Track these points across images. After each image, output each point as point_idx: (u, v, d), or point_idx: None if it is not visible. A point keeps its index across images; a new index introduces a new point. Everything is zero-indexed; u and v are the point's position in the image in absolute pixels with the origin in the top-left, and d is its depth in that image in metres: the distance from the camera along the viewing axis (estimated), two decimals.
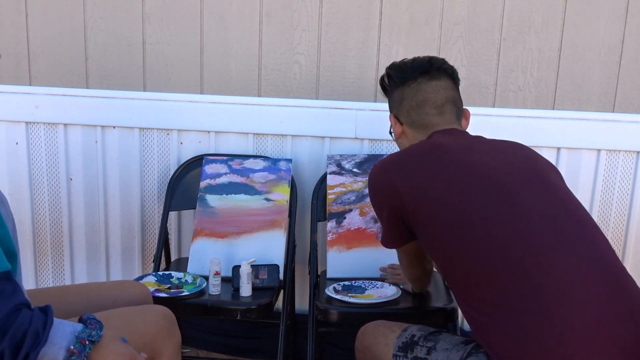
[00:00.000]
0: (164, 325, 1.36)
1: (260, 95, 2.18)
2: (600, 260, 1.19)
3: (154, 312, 1.38)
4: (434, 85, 1.49)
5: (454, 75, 1.54)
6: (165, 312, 1.39)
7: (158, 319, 1.36)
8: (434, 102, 1.48)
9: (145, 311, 1.38)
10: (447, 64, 1.54)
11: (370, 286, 1.82)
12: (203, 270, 1.89)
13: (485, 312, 1.19)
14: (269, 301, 1.74)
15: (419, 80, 1.49)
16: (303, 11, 2.12)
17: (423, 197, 1.30)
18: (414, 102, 1.49)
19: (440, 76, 1.50)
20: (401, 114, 1.52)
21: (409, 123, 1.51)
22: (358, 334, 1.48)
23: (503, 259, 1.19)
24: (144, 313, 1.37)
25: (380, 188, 1.40)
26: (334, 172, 2.09)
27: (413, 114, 1.49)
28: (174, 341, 1.38)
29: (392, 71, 1.56)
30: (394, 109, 1.56)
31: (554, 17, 2.08)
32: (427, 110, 1.48)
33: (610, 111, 2.12)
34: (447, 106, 1.49)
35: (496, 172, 1.29)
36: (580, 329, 1.11)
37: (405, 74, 1.52)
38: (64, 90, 2.19)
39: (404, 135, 1.53)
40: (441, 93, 1.48)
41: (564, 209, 1.25)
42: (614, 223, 2.19)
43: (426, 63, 1.51)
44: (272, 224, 1.99)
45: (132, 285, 1.57)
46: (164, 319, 1.37)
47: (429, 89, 1.48)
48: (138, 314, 1.36)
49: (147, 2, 2.16)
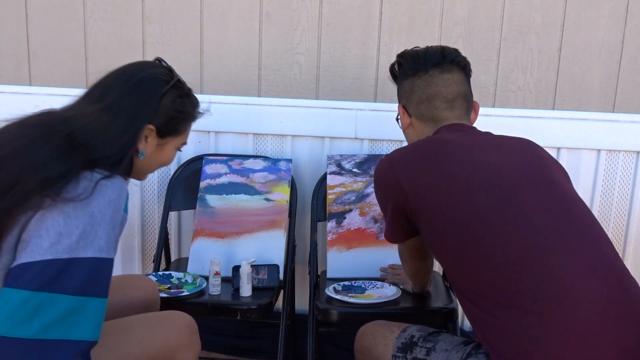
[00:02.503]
0: (186, 335, 1.36)
1: (260, 95, 2.18)
2: (602, 261, 1.19)
3: (178, 321, 1.37)
4: (446, 78, 1.46)
5: (466, 68, 1.51)
6: (189, 322, 1.39)
7: (181, 328, 1.36)
8: (445, 96, 1.45)
9: (169, 320, 1.37)
10: (460, 55, 1.50)
11: (370, 286, 1.82)
12: (203, 270, 1.89)
13: (486, 309, 1.19)
14: (269, 301, 1.74)
15: (431, 73, 1.46)
16: (303, 11, 2.12)
17: (427, 194, 1.30)
18: (424, 95, 1.46)
19: (452, 69, 1.47)
20: (410, 106, 1.50)
21: (417, 115, 1.48)
22: (357, 335, 1.48)
23: (504, 258, 1.19)
24: (168, 322, 1.36)
25: (385, 183, 1.40)
26: (334, 172, 2.09)
27: (422, 107, 1.47)
28: (194, 350, 1.38)
29: (404, 60, 1.52)
30: (402, 99, 1.53)
31: (554, 17, 2.08)
32: (437, 104, 1.45)
33: (610, 111, 2.12)
34: (458, 101, 1.46)
35: (500, 171, 1.29)
36: (581, 329, 1.11)
37: (417, 64, 1.48)
38: (64, 90, 2.19)
39: (412, 127, 1.51)
40: (452, 87, 1.46)
41: (566, 209, 1.25)
42: (614, 223, 2.19)
43: (439, 54, 1.47)
44: (272, 224, 1.99)
45: (140, 279, 1.61)
46: (187, 328, 1.37)
47: (441, 83, 1.45)
48: (161, 322, 1.35)
49: (147, 2, 2.16)
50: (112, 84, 1.22)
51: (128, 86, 1.21)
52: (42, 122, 1.16)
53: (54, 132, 1.12)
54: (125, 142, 1.18)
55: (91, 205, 1.05)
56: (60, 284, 0.99)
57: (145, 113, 1.22)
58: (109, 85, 1.22)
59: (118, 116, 1.18)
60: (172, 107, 1.26)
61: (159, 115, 1.24)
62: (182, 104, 1.29)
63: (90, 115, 1.17)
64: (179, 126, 1.30)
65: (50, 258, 0.99)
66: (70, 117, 1.17)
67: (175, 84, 1.28)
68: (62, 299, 0.99)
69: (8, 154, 1.09)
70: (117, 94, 1.20)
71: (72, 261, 1.01)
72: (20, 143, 1.10)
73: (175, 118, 1.28)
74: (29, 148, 1.09)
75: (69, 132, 1.12)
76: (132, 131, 1.20)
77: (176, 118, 1.28)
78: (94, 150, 1.12)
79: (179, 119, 1.29)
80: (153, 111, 1.23)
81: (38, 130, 1.13)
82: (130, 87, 1.21)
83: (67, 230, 1.01)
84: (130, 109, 1.20)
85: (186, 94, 1.31)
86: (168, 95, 1.25)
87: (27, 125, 1.16)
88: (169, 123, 1.26)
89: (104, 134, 1.15)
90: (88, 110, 1.18)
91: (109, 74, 1.25)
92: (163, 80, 1.25)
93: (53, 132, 1.12)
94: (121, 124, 1.18)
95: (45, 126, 1.14)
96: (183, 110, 1.29)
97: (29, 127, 1.15)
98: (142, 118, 1.21)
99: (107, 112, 1.18)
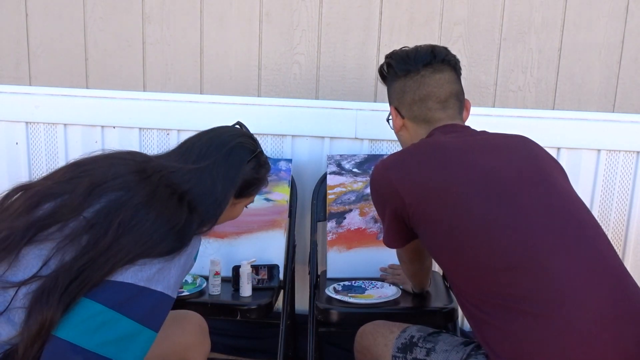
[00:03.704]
0: (198, 335, 1.41)
1: (260, 95, 2.18)
2: (601, 262, 1.19)
3: (191, 321, 1.42)
4: (438, 78, 1.44)
5: (456, 67, 1.49)
6: (201, 322, 1.44)
7: (194, 328, 1.41)
8: (438, 97, 1.43)
9: (183, 319, 1.42)
10: (450, 54, 1.48)
11: (370, 286, 1.82)
12: (203, 270, 1.89)
13: (485, 311, 1.19)
14: (269, 301, 1.73)
15: (422, 73, 1.44)
16: (303, 11, 2.12)
17: (423, 199, 1.29)
18: (416, 96, 1.44)
19: (443, 68, 1.45)
20: (402, 107, 1.48)
21: (410, 117, 1.47)
22: (357, 335, 1.48)
23: (502, 261, 1.18)
24: (182, 321, 1.41)
25: (381, 189, 1.39)
26: (334, 172, 2.09)
27: (415, 109, 1.45)
28: (204, 350, 1.44)
29: (394, 61, 1.49)
30: (394, 101, 1.50)
31: (554, 17, 2.08)
32: (430, 105, 1.44)
33: (610, 111, 2.12)
34: (451, 101, 1.45)
35: (496, 172, 1.28)
36: (580, 331, 1.11)
37: (408, 65, 1.46)
38: (64, 90, 2.19)
39: (405, 128, 1.49)
40: (445, 87, 1.44)
41: (564, 210, 1.25)
42: (614, 223, 2.19)
43: (429, 54, 1.45)
44: (272, 224, 1.99)
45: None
46: (199, 328, 1.43)
47: (433, 83, 1.43)
48: (175, 321, 1.40)
49: (147, 2, 2.16)
50: (206, 149, 1.29)
51: (221, 154, 1.29)
52: (140, 170, 1.21)
53: (162, 190, 1.18)
54: (222, 206, 1.27)
55: None
56: (129, 307, 1.06)
57: (236, 180, 1.30)
58: (203, 150, 1.29)
59: (216, 181, 1.26)
60: (252, 174, 1.34)
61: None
62: (260, 172, 1.37)
63: (193, 175, 1.24)
64: (254, 191, 1.40)
65: (129, 282, 1.07)
66: (172, 172, 1.23)
67: (258, 155, 1.36)
68: (125, 321, 1.06)
69: (119, 207, 1.13)
70: (211, 159, 1.27)
71: (144, 290, 1.08)
72: (129, 199, 1.14)
73: (253, 185, 1.37)
74: (146, 211, 1.14)
75: (180, 192, 1.20)
76: (228, 197, 1.29)
77: (254, 185, 1.37)
78: (204, 214, 1.22)
79: (256, 186, 1.38)
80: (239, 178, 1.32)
81: (141, 184, 1.18)
82: (223, 154, 1.29)
83: (150, 262, 1.10)
84: (224, 175, 1.28)
85: (264, 162, 1.39)
86: (251, 163, 1.34)
87: (125, 173, 1.20)
88: (246, 188, 1.35)
89: (209, 198, 1.24)
90: (185, 168, 1.25)
91: (200, 136, 1.33)
92: (249, 150, 1.34)
93: (161, 191, 1.18)
94: (221, 189, 1.26)
95: (147, 180, 1.19)
96: (261, 178, 1.39)
97: (129, 175, 1.19)
98: (233, 184, 1.29)
99: (207, 176, 1.25)
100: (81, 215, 1.11)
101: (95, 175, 1.17)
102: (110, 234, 1.08)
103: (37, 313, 1.02)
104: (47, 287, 1.03)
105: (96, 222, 1.10)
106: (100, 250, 1.07)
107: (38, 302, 1.03)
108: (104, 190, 1.14)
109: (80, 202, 1.12)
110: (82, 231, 1.09)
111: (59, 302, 1.03)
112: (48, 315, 1.02)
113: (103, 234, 1.08)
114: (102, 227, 1.09)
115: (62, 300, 1.03)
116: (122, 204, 1.13)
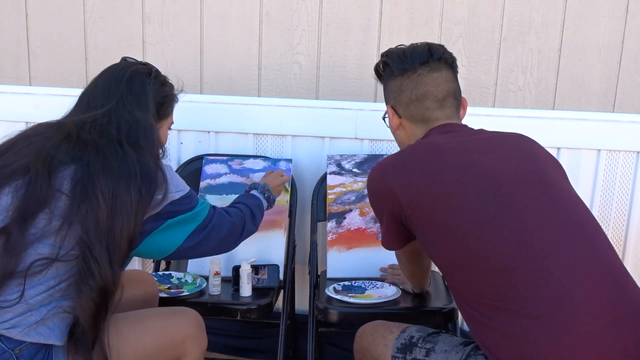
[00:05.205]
0: (194, 330, 1.44)
1: (260, 95, 2.18)
2: (600, 262, 1.19)
3: (187, 316, 1.45)
4: (435, 77, 1.42)
5: (453, 65, 1.47)
6: (197, 317, 1.47)
7: (190, 323, 1.44)
8: (435, 96, 1.42)
9: (180, 313, 1.46)
10: (447, 52, 1.46)
11: (370, 286, 1.82)
12: (203, 270, 1.89)
13: (484, 313, 1.19)
14: (269, 301, 1.74)
15: (419, 72, 1.42)
16: (303, 11, 2.12)
17: (420, 200, 1.29)
18: (413, 95, 1.42)
19: (440, 67, 1.43)
20: (399, 107, 1.46)
21: (408, 117, 1.45)
22: (356, 335, 1.48)
23: (500, 262, 1.18)
24: (179, 315, 1.45)
25: (378, 192, 1.39)
26: (334, 172, 2.09)
27: (412, 108, 1.43)
28: (201, 345, 1.46)
29: (390, 59, 1.47)
30: (391, 100, 1.48)
31: (554, 17, 2.08)
32: (428, 104, 1.42)
33: (610, 111, 2.12)
34: (448, 100, 1.43)
35: (494, 174, 1.27)
36: (579, 332, 1.11)
37: (405, 64, 1.44)
38: (64, 90, 2.18)
39: (402, 127, 1.48)
40: (442, 86, 1.42)
41: (563, 209, 1.24)
42: (614, 223, 2.19)
43: (426, 53, 1.43)
44: (272, 224, 1.99)
45: (140, 274, 1.72)
46: (195, 323, 1.45)
47: (430, 82, 1.42)
48: (173, 317, 1.44)
49: (147, 2, 2.16)
50: (107, 90, 1.34)
51: (123, 87, 1.35)
52: (66, 135, 1.28)
53: (103, 145, 1.25)
54: (153, 130, 1.35)
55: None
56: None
57: (148, 104, 1.37)
58: (105, 91, 1.35)
59: (133, 111, 1.33)
60: (159, 94, 1.43)
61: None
62: (165, 90, 1.46)
63: (110, 116, 1.30)
64: (169, 110, 1.49)
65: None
66: (100, 124, 1.29)
67: (156, 75, 1.44)
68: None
69: (99, 173, 1.21)
70: (117, 96, 1.33)
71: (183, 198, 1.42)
72: (105, 162, 1.23)
73: (164, 103, 1.46)
74: (120, 165, 1.24)
75: (115, 137, 1.27)
76: (151, 121, 1.37)
77: (165, 103, 1.46)
78: (146, 145, 1.31)
79: (167, 104, 1.48)
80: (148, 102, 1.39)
81: (93, 144, 1.25)
82: (125, 87, 1.35)
83: (154, 204, 1.29)
84: (136, 104, 1.35)
85: (165, 80, 1.48)
86: (153, 85, 1.41)
87: (55, 144, 1.26)
88: (160, 108, 1.44)
89: (139, 129, 1.32)
90: (99, 113, 1.30)
91: (94, 82, 1.38)
92: (145, 74, 1.41)
93: (103, 146, 1.25)
94: (142, 117, 1.34)
95: (83, 142, 1.26)
96: (168, 95, 1.48)
97: (61, 143, 1.26)
98: (148, 108, 1.37)
99: (123, 111, 1.32)
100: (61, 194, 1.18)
101: (34, 154, 1.23)
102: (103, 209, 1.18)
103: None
104: None
105: (80, 202, 1.17)
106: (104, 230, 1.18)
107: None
108: (57, 166, 1.21)
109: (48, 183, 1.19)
110: (72, 215, 1.17)
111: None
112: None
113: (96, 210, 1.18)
114: (90, 205, 1.18)
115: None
116: (88, 177, 1.20)
